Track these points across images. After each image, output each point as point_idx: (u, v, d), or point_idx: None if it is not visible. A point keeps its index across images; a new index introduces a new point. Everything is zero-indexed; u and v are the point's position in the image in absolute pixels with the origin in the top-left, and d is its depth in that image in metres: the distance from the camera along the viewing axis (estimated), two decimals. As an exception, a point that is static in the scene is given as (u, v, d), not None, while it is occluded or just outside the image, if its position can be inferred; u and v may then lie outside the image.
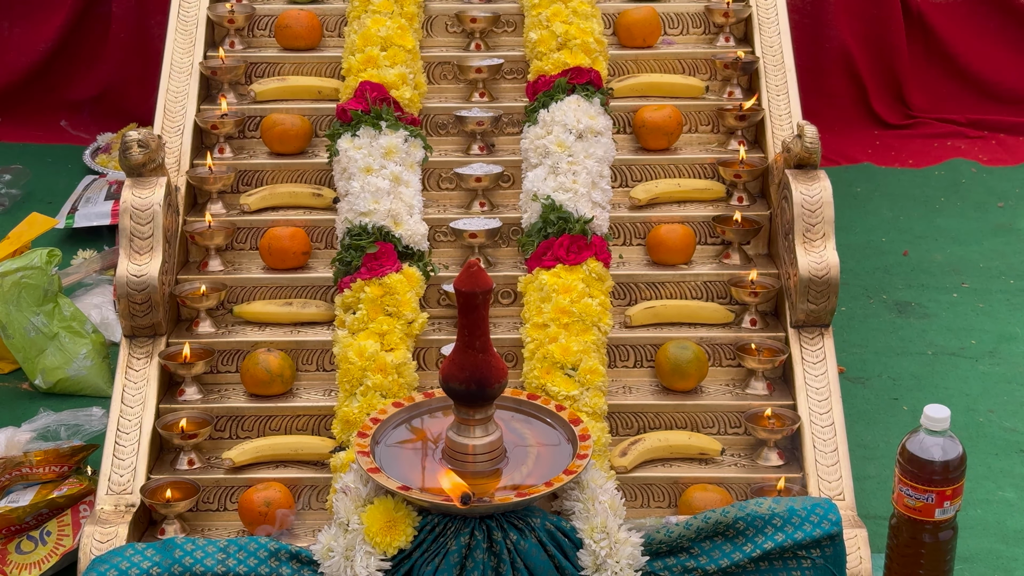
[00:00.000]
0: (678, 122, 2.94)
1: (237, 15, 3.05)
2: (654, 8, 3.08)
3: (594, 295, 2.56)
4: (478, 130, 2.91)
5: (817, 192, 2.61)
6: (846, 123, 4.15)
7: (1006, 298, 3.35)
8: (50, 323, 2.99)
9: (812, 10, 4.09)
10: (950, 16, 4.23)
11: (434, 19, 3.11)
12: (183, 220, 2.77)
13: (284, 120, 2.91)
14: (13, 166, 3.91)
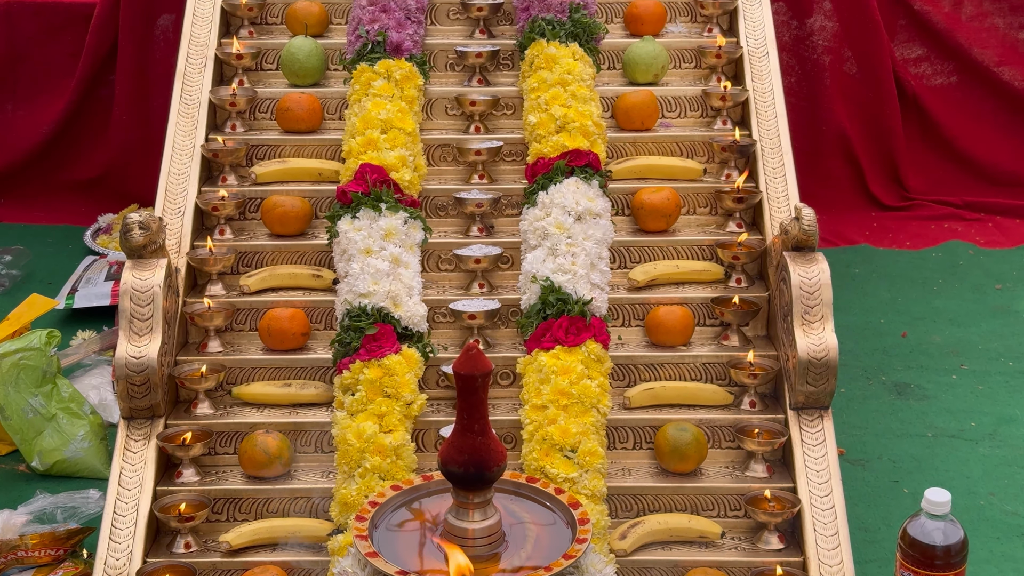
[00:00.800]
0: (676, 204, 2.95)
1: (239, 98, 3.07)
2: (652, 92, 3.11)
3: (593, 377, 2.55)
4: (477, 212, 2.92)
5: (815, 274, 2.62)
6: (843, 205, 4.17)
7: (1005, 380, 3.34)
8: (48, 404, 2.98)
9: (809, 93, 4.13)
10: (945, 99, 4.27)
11: (434, 102, 3.13)
12: (183, 301, 2.77)
13: (284, 202, 2.92)
14: (14, 247, 3.92)
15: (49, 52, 4.15)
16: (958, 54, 4.23)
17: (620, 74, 3.20)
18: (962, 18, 4.24)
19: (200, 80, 3.09)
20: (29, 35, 4.15)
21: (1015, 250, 3.97)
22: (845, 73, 4.15)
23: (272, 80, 3.20)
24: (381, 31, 3.03)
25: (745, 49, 3.16)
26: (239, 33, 3.24)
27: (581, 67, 2.99)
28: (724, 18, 3.27)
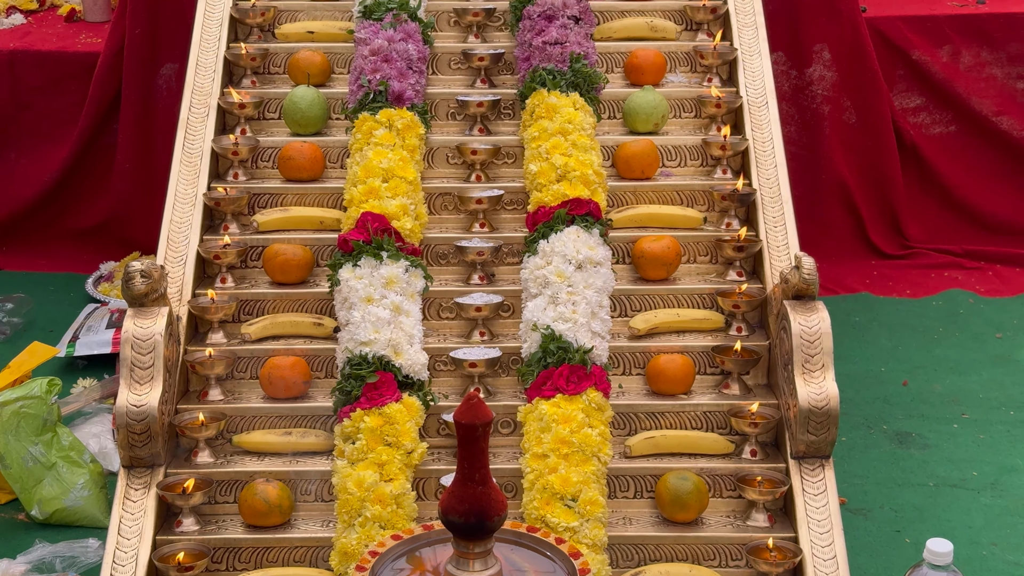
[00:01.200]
0: (676, 253, 2.95)
1: (241, 147, 3.09)
2: (652, 141, 3.12)
3: (594, 425, 2.55)
4: (478, 260, 2.93)
5: (815, 323, 2.62)
6: (843, 253, 4.17)
7: (1006, 429, 3.34)
8: (48, 453, 2.97)
9: (808, 143, 4.14)
10: (944, 149, 4.28)
11: (435, 151, 3.15)
12: (184, 350, 2.77)
13: (286, 250, 2.92)
14: (15, 295, 3.93)
15: (53, 101, 4.17)
16: (957, 104, 4.25)
17: (620, 123, 3.22)
18: (960, 68, 4.26)
19: (203, 129, 3.10)
20: (33, 85, 4.17)
21: (1015, 299, 3.97)
22: (844, 122, 4.17)
23: (274, 129, 3.21)
24: (383, 81, 3.04)
25: (744, 99, 3.17)
26: (241, 83, 3.26)
27: (582, 116, 3.00)
28: (724, 68, 3.29)
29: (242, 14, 3.31)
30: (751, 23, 3.29)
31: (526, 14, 3.20)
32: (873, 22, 4.16)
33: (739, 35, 3.28)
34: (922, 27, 4.24)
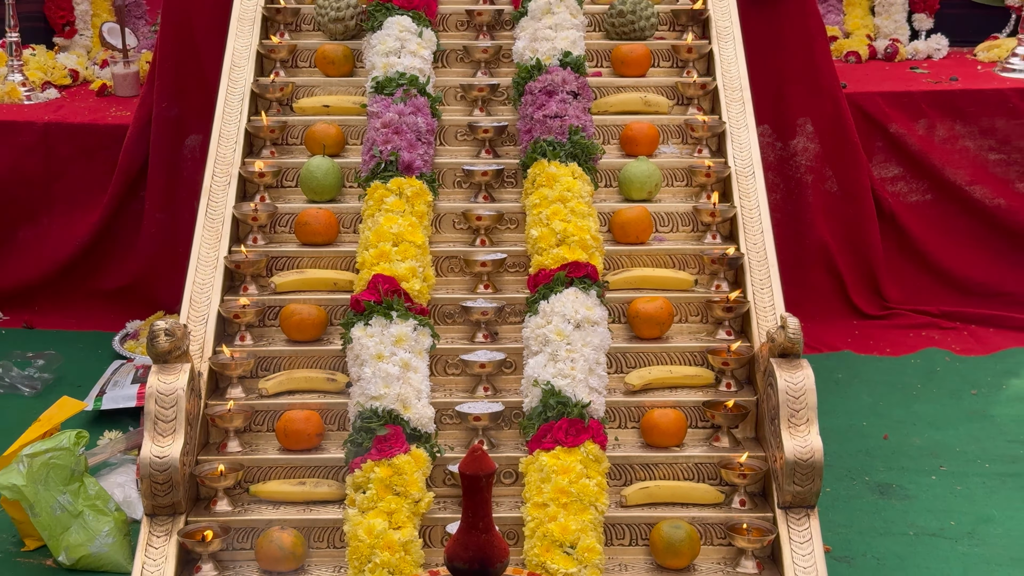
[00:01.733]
0: (669, 313, 2.96)
1: (261, 213, 3.10)
2: (646, 208, 3.13)
3: (591, 476, 2.54)
4: (483, 319, 2.93)
5: (800, 380, 2.62)
6: (826, 314, 4.17)
7: (982, 481, 3.32)
8: (75, 502, 2.96)
9: (793, 209, 4.15)
10: (921, 216, 4.29)
11: (442, 216, 3.16)
12: (205, 404, 2.77)
13: (302, 310, 2.93)
14: (47, 352, 3.93)
15: (84, 170, 4.19)
16: (932, 174, 4.27)
17: (616, 191, 3.23)
18: (935, 140, 4.28)
19: (225, 196, 3.11)
20: (65, 155, 4.19)
21: (989, 357, 3.96)
22: (827, 191, 4.18)
23: (291, 196, 3.23)
24: (394, 151, 3.06)
25: (733, 169, 3.19)
26: (261, 153, 3.28)
27: (580, 185, 3.02)
28: (713, 140, 3.31)
29: (262, 89, 3.34)
30: (738, 98, 3.32)
31: (528, 89, 3.22)
32: (853, 97, 4.18)
33: (727, 109, 3.30)
34: (899, 102, 4.27)
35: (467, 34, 3.53)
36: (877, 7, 4.76)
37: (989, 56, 4.59)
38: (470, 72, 3.46)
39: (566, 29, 3.32)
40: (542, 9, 3.34)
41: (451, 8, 3.55)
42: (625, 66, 3.44)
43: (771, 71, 3.94)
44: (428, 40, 3.33)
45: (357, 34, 3.46)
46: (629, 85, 3.42)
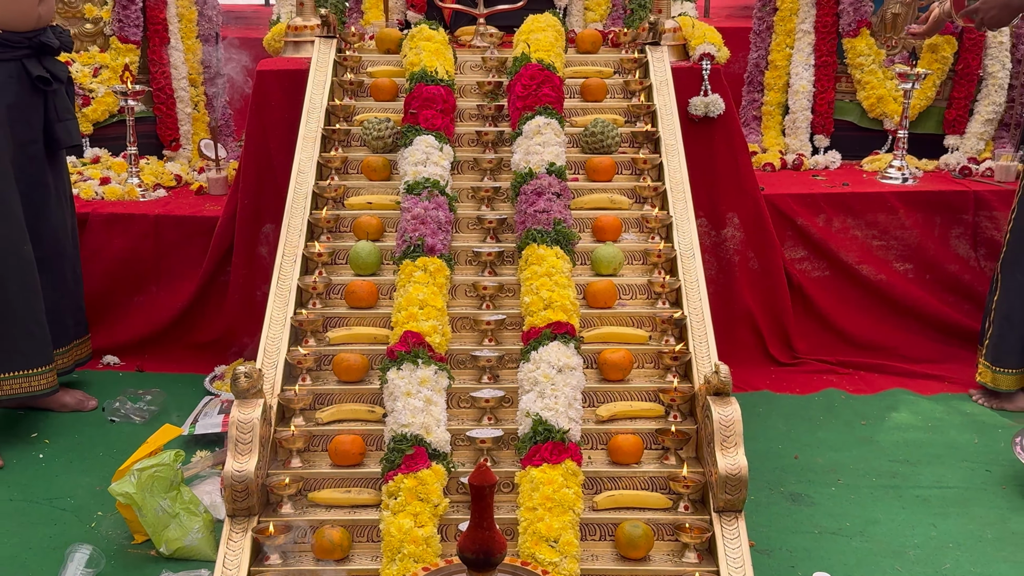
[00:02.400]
0: (630, 361, 2.95)
1: (319, 284, 3.11)
2: (612, 281, 3.14)
3: (570, 486, 2.52)
4: (487, 365, 2.93)
5: (730, 413, 2.61)
6: (750, 362, 4.16)
7: (870, 492, 3.31)
8: (173, 505, 2.94)
9: (724, 282, 4.16)
10: (822, 287, 4.30)
11: (457, 287, 3.16)
12: (274, 430, 2.76)
13: (349, 358, 2.93)
14: (153, 389, 3.92)
15: (185, 251, 4.20)
16: (829, 255, 4.28)
17: (589, 268, 3.24)
18: (832, 230, 4.30)
19: (292, 271, 3.12)
20: (171, 240, 4.21)
21: (874, 395, 3.95)
22: (750, 268, 4.19)
23: (342, 271, 3.23)
24: (420, 237, 3.07)
25: (678, 252, 3.19)
26: (320, 238, 3.29)
27: (561, 263, 3.02)
28: (663, 230, 3.32)
29: (321, 190, 3.35)
30: (682, 198, 3.33)
31: (522, 191, 3.24)
32: (769, 198, 4.21)
33: (674, 206, 3.31)
34: (804, 202, 4.29)
35: (476, 149, 3.56)
36: (787, 129, 4.80)
37: (872, 167, 4.63)
38: (479, 177, 3.48)
39: (551, 145, 3.34)
40: (533, 131, 3.37)
41: (464, 129, 3.58)
42: (596, 173, 3.46)
43: (707, 177, 3.97)
44: (447, 153, 3.36)
45: (393, 148, 3.49)
46: (599, 188, 3.44)
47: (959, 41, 4.59)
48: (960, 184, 4.37)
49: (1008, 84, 4.59)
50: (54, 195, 3.53)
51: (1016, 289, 3.69)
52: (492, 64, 3.75)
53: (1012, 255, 3.69)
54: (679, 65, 3.86)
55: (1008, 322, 3.72)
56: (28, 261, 3.39)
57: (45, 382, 3.46)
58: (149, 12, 4.65)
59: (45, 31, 3.30)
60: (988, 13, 3.51)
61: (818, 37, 4.69)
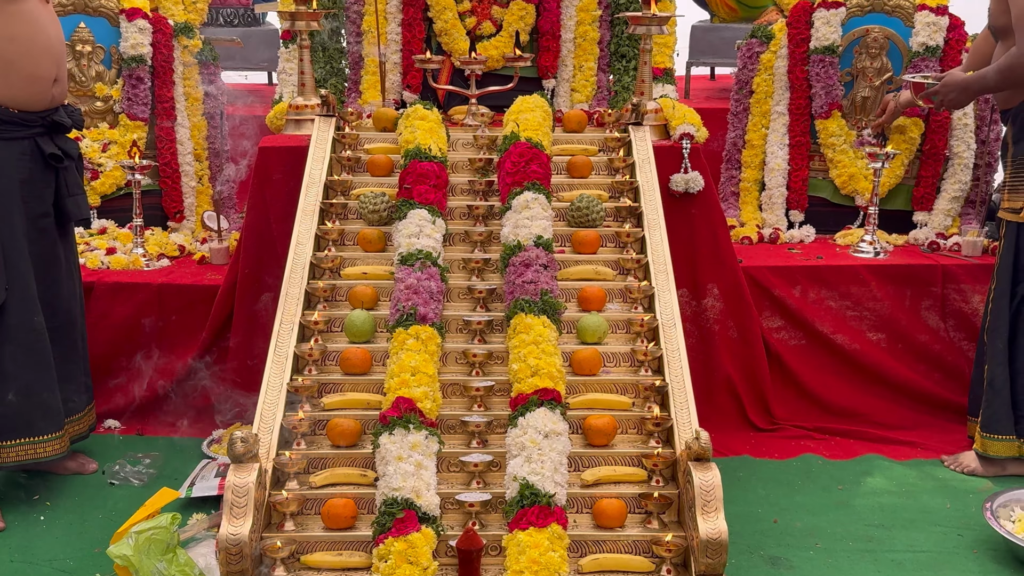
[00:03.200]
0: (614, 427, 2.95)
1: (315, 351, 3.10)
2: (597, 349, 3.14)
3: (556, 550, 2.50)
4: (476, 430, 2.92)
5: (710, 478, 2.60)
6: (730, 428, 4.14)
7: (847, 555, 3.27)
8: (169, 567, 2.88)
9: (704, 350, 4.16)
10: (798, 356, 4.30)
11: (448, 354, 3.16)
12: (268, 493, 2.73)
13: (343, 423, 2.91)
14: (152, 453, 3.88)
15: (187, 318, 4.19)
16: (805, 325, 4.29)
17: (575, 337, 3.24)
18: (807, 301, 4.31)
19: (289, 339, 3.12)
20: (174, 307, 4.20)
21: (850, 461, 3.93)
22: (729, 337, 4.19)
23: (338, 338, 3.23)
24: (413, 307, 3.08)
25: (660, 321, 3.20)
26: (317, 307, 3.29)
27: (548, 332, 3.03)
28: (645, 300, 3.34)
29: (319, 261, 3.37)
30: (663, 270, 3.36)
31: (511, 262, 3.26)
32: (747, 269, 4.23)
33: (655, 278, 3.33)
34: (781, 273, 4.31)
35: (468, 222, 3.59)
36: (763, 204, 4.84)
37: (845, 241, 4.66)
38: (470, 249, 3.50)
39: (539, 219, 3.37)
40: (522, 205, 3.40)
41: (457, 203, 3.61)
42: (582, 246, 3.48)
43: (687, 250, 3.99)
44: (439, 227, 3.38)
45: (388, 221, 3.51)
46: (584, 260, 3.46)
47: (926, 123, 4.66)
48: (929, 258, 4.40)
49: (973, 164, 4.66)
50: (64, 267, 3.54)
51: (997, 356, 3.70)
52: (483, 142, 3.79)
53: (993, 323, 3.72)
54: (660, 144, 3.91)
55: (992, 388, 3.72)
56: (40, 332, 3.38)
57: (53, 448, 3.45)
58: (157, 91, 4.70)
59: (58, 110, 3.34)
60: (948, 96, 3.57)
61: (792, 119, 4.76)
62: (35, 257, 3.39)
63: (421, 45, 4.56)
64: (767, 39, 4.79)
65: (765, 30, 4.81)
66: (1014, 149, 3.58)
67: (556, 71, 4.66)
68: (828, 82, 4.65)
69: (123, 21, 4.62)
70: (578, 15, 4.64)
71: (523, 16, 4.56)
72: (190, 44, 4.75)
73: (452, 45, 4.55)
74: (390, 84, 4.59)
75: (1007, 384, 3.70)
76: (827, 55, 4.64)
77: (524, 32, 4.58)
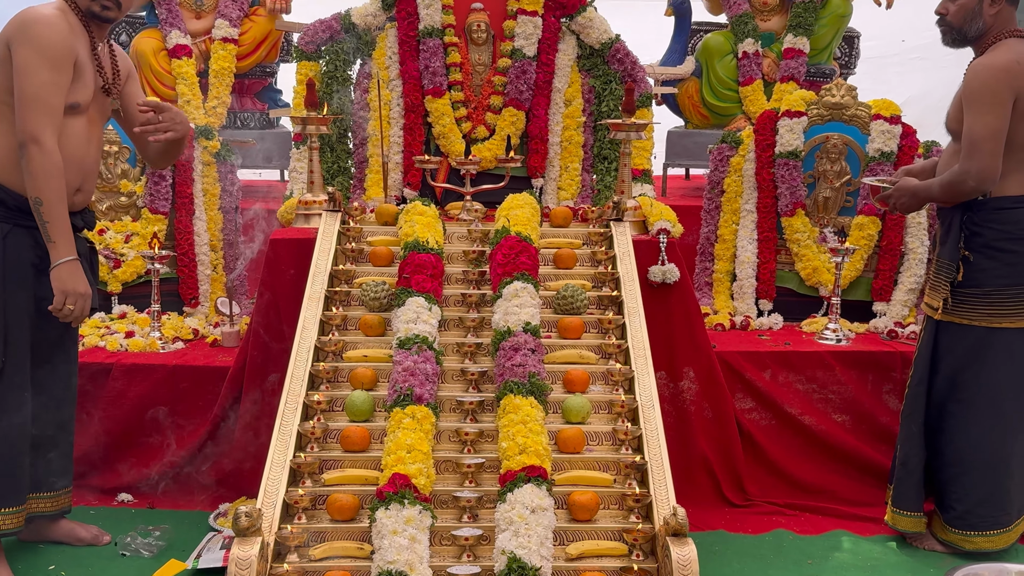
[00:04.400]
0: (596, 503, 2.92)
1: (317, 429, 3.08)
2: (580, 428, 3.13)
3: (542, 621, 2.45)
4: (467, 506, 2.88)
5: (687, 552, 2.57)
6: (706, 503, 4.09)
7: (818, 625, 3.22)
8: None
9: (682, 430, 4.13)
10: (768, 435, 4.28)
11: (442, 432, 3.14)
12: (270, 566, 2.68)
13: (342, 498, 2.88)
14: (162, 525, 3.81)
15: (197, 397, 4.17)
16: (775, 407, 4.28)
17: (560, 416, 3.23)
18: (776, 384, 4.31)
19: (293, 418, 3.10)
20: (186, 387, 4.17)
21: (819, 536, 3.88)
22: (704, 417, 4.17)
23: (339, 417, 3.22)
24: (410, 388, 3.08)
25: (639, 403, 3.20)
26: (320, 387, 3.28)
27: (535, 412, 3.02)
28: (626, 382, 3.33)
29: (323, 344, 3.37)
30: (642, 354, 3.36)
31: (501, 347, 3.26)
32: (720, 354, 4.24)
33: (635, 361, 3.34)
34: (751, 358, 4.32)
35: (461, 309, 3.60)
36: (735, 294, 4.87)
37: (810, 329, 4.68)
38: (463, 334, 3.51)
39: (527, 307, 3.39)
40: (511, 294, 3.42)
41: (451, 291, 3.63)
42: (567, 332, 3.49)
43: (664, 336, 4.00)
44: (435, 313, 3.39)
45: (388, 308, 3.53)
46: (569, 344, 3.46)
47: (883, 220, 4.73)
48: (888, 345, 4.42)
49: (927, 258, 4.70)
50: (62, 352, 3.47)
51: (911, 439, 3.70)
52: (476, 235, 3.83)
53: (908, 408, 3.73)
54: (639, 238, 3.96)
55: (905, 468, 3.71)
56: (25, 408, 3.30)
57: (12, 523, 3.33)
58: (178, 187, 4.75)
59: (74, 215, 3.32)
60: (900, 200, 3.64)
61: (760, 216, 4.82)
62: (37, 338, 3.34)
63: (421, 147, 4.64)
64: (736, 144, 4.89)
65: (734, 136, 4.91)
66: (939, 250, 3.61)
67: (544, 171, 4.73)
68: (792, 183, 4.73)
69: (148, 124, 4.70)
70: (564, 121, 4.73)
71: (514, 122, 4.65)
72: (209, 145, 4.82)
73: (449, 147, 4.63)
74: (392, 182, 4.66)
75: (920, 466, 3.68)
76: (791, 159, 4.73)
77: (515, 136, 4.66)
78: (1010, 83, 3.27)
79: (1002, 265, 3.40)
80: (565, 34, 4.70)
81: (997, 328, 3.45)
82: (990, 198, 3.40)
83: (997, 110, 3.27)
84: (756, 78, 5.51)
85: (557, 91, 4.71)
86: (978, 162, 3.30)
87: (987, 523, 3.59)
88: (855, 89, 4.76)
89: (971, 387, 3.53)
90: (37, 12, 3.06)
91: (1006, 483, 3.57)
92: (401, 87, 4.67)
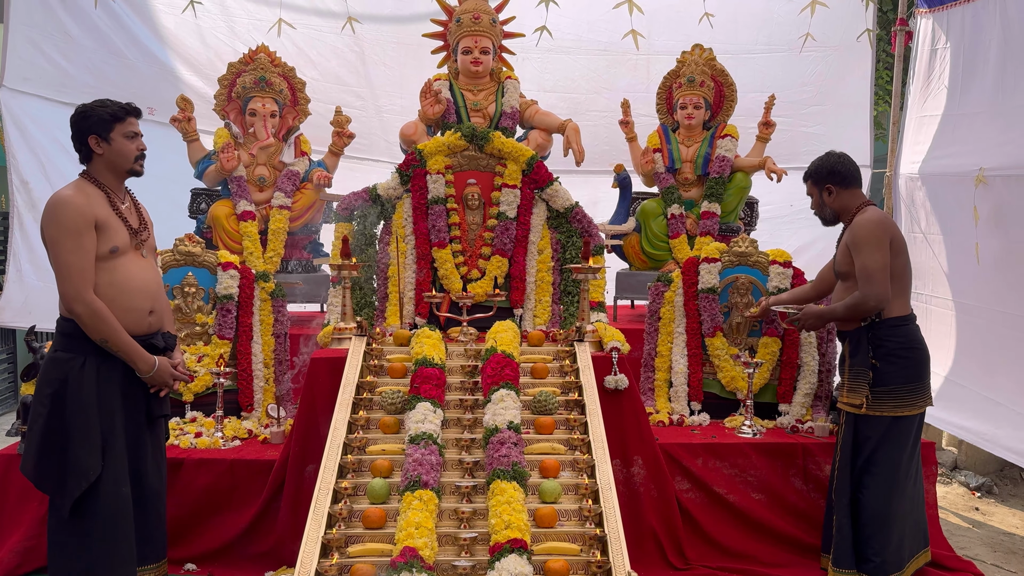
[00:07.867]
0: (567, 569, 2.84)
1: (344, 511, 3.00)
2: (553, 508, 3.05)
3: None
4: (464, 573, 2.79)
5: (640, 608, 2.47)
6: (654, 568, 3.95)
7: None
8: None
9: (633, 507, 4.02)
10: (703, 511, 4.18)
11: (443, 511, 3.07)
12: (303, 624, 2.55)
13: (362, 568, 2.79)
14: (217, 592, 3.65)
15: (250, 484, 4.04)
16: (707, 488, 4.20)
17: (537, 497, 3.17)
18: (707, 469, 4.23)
19: (325, 501, 3.03)
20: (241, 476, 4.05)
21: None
22: (651, 496, 4.06)
23: (361, 501, 3.14)
24: (418, 475, 3.02)
25: (599, 484, 3.16)
26: (347, 476, 3.22)
27: (518, 494, 2.97)
28: (588, 469, 3.28)
29: (350, 441, 3.31)
30: (601, 446, 3.33)
31: (490, 441, 3.23)
32: (662, 446, 4.18)
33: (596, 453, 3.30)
34: (686, 449, 4.27)
35: (459, 411, 3.57)
36: (672, 397, 4.84)
37: (731, 425, 4.65)
38: (461, 431, 3.47)
39: (511, 409, 3.37)
40: (498, 399, 3.41)
41: (452, 397, 3.61)
42: (541, 428, 3.46)
43: (618, 431, 3.96)
44: (439, 415, 3.37)
45: (402, 411, 3.49)
46: (543, 439, 3.43)
47: (782, 340, 4.76)
48: (791, 438, 4.39)
49: (818, 369, 4.73)
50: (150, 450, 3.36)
51: (843, 510, 3.68)
52: (471, 353, 3.84)
53: (839, 486, 3.71)
54: (597, 354, 3.97)
55: (840, 534, 3.65)
56: (126, 498, 3.19)
57: None
58: (240, 319, 4.76)
59: (155, 335, 3.22)
60: (807, 322, 3.71)
61: (688, 337, 4.86)
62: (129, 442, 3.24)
63: (429, 285, 4.69)
64: (668, 282, 4.97)
65: (667, 276, 5.00)
66: (851, 361, 3.67)
67: (523, 303, 4.78)
68: (712, 312, 4.79)
69: (219, 271, 4.75)
70: (538, 265, 4.81)
71: (500, 266, 4.73)
72: (266, 286, 4.85)
73: (450, 285, 4.69)
74: (406, 312, 4.69)
75: (851, 532, 3.64)
76: (710, 294, 4.80)
77: (500, 276, 4.74)
78: (886, 229, 3.50)
79: (901, 368, 3.49)
80: (538, 201, 4.85)
81: (901, 416, 3.48)
82: (884, 318, 3.52)
83: (883, 248, 3.47)
84: (682, 233, 5.66)
85: (532, 243, 4.81)
86: (875, 287, 3.45)
87: (893, 567, 3.57)
88: (756, 242, 4.89)
89: (882, 463, 3.56)
90: (57, 195, 3.00)
91: (901, 533, 3.57)
92: (414, 241, 4.77)
